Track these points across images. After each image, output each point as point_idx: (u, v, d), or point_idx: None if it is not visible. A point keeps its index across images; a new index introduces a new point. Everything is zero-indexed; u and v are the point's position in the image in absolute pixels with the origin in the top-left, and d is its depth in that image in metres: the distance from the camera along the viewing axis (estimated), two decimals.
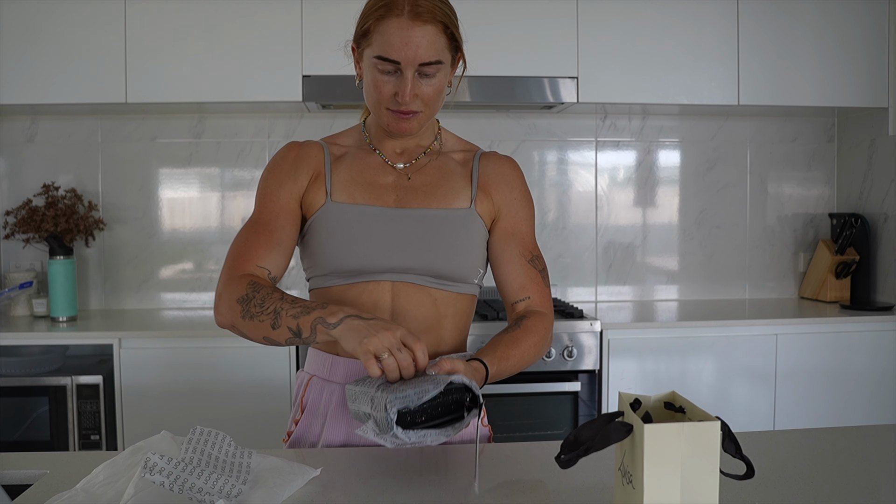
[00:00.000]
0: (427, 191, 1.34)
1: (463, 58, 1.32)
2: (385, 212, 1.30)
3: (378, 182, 1.34)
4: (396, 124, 1.28)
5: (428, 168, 1.37)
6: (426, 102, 1.27)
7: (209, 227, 3.07)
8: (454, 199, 1.34)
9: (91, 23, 2.62)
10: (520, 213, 1.38)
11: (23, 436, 2.49)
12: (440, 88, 1.27)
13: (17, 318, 2.79)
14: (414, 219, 1.30)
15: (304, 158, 1.35)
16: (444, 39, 1.24)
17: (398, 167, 1.36)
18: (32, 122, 2.98)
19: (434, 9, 1.22)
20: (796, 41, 2.84)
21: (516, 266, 1.35)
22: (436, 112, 1.31)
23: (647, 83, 2.80)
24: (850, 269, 3.01)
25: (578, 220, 3.18)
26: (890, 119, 2.86)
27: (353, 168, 1.35)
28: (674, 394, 0.94)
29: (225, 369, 2.49)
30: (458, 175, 1.37)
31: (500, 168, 1.39)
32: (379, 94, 1.26)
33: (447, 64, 1.27)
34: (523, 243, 1.37)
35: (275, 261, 1.28)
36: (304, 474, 1.08)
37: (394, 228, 1.29)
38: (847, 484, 1.08)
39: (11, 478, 1.14)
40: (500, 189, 1.37)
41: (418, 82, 1.24)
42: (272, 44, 2.66)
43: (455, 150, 1.42)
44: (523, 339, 1.27)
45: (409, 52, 1.21)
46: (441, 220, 1.31)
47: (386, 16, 1.22)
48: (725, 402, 2.65)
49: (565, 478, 1.09)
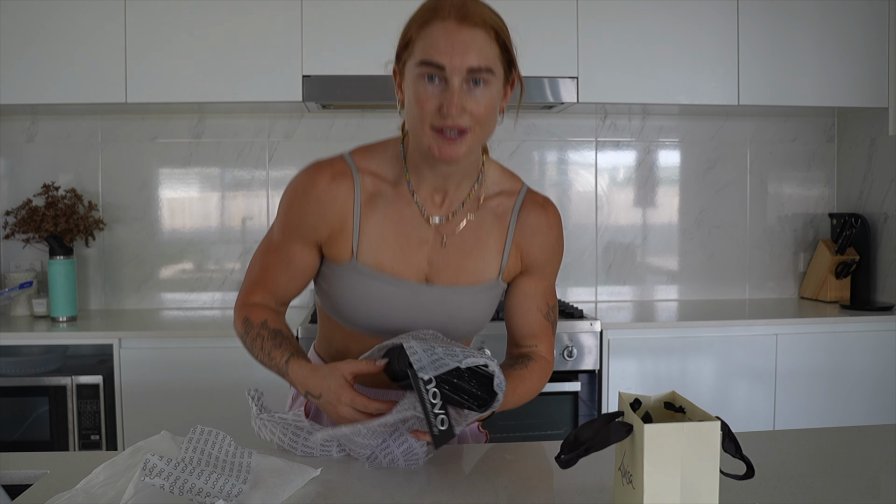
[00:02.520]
0: (458, 263, 1.25)
1: (519, 79, 1.19)
2: (411, 288, 1.23)
3: (411, 245, 1.23)
4: (440, 148, 1.12)
5: (465, 230, 1.25)
6: (476, 120, 1.12)
7: (209, 227, 3.07)
8: (483, 273, 1.27)
9: (91, 23, 2.62)
10: (547, 269, 1.32)
11: (23, 436, 2.49)
12: (492, 105, 1.13)
13: (17, 318, 2.79)
14: (439, 297, 1.25)
15: (328, 205, 1.20)
16: (496, 48, 1.12)
17: (434, 222, 1.24)
18: (32, 122, 2.97)
19: (484, 13, 1.12)
20: (796, 41, 2.84)
21: (531, 319, 1.32)
22: (486, 136, 1.17)
23: (647, 83, 2.80)
24: (850, 269, 3.00)
25: (578, 220, 3.18)
26: (890, 119, 2.86)
27: (385, 222, 1.22)
28: (674, 394, 0.94)
29: (225, 369, 2.49)
30: (492, 237, 1.27)
31: (538, 227, 1.28)
32: (421, 109, 1.11)
33: (499, 77, 1.14)
34: (544, 298, 1.32)
35: (283, 295, 1.30)
36: (304, 474, 1.08)
37: (417, 304, 1.24)
38: (847, 484, 1.08)
39: (11, 478, 1.14)
40: (533, 250, 1.29)
41: (467, 94, 1.10)
42: (272, 44, 2.66)
43: (495, 192, 1.28)
44: (529, 379, 1.27)
45: (455, 56, 1.08)
46: (466, 297, 1.26)
47: (430, 20, 1.11)
48: (725, 402, 2.65)
49: (565, 478, 1.09)
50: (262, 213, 3.08)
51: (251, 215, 3.07)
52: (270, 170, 3.06)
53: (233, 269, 3.07)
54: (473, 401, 1.08)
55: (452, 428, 1.03)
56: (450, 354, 1.06)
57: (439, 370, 1.03)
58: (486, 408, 1.09)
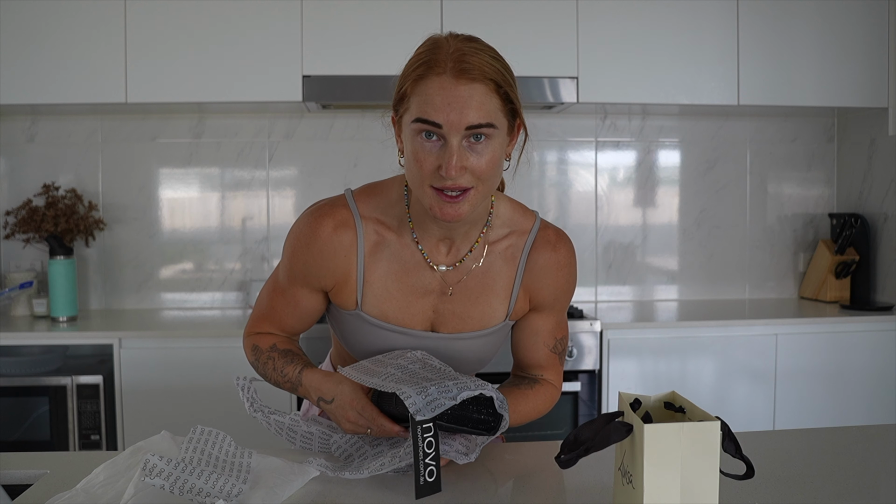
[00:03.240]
0: (464, 312, 1.22)
1: (524, 126, 1.14)
2: (417, 337, 1.22)
3: (415, 295, 1.20)
4: (442, 209, 1.07)
5: (471, 277, 1.21)
6: (478, 177, 1.06)
7: (209, 227, 3.07)
8: (490, 319, 1.23)
9: (91, 23, 2.62)
10: (556, 306, 1.28)
11: (23, 436, 2.49)
12: (494, 160, 1.07)
13: (17, 318, 2.79)
14: (445, 344, 1.23)
15: (331, 257, 1.18)
16: (497, 101, 1.06)
17: (440, 270, 1.20)
18: (32, 122, 2.98)
19: (483, 65, 1.04)
20: (796, 41, 2.84)
21: (537, 353, 1.29)
22: (490, 192, 1.12)
23: (647, 83, 2.80)
24: (849, 269, 3.00)
25: (578, 220, 3.18)
26: (890, 119, 2.86)
27: (389, 273, 1.19)
28: (674, 394, 0.94)
29: (225, 369, 2.49)
30: (500, 282, 1.23)
31: (548, 269, 1.24)
32: (420, 169, 1.06)
33: (502, 130, 1.08)
34: (551, 333, 1.29)
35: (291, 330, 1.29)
36: (304, 474, 1.08)
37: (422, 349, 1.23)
38: (847, 484, 1.08)
39: (11, 478, 1.14)
40: (543, 290, 1.25)
41: (466, 153, 1.05)
42: (272, 44, 2.66)
43: (504, 233, 1.23)
44: (533, 399, 1.26)
45: (452, 114, 1.02)
46: (471, 342, 1.24)
47: (425, 75, 1.05)
48: (725, 402, 2.65)
49: (565, 478, 1.10)
50: (262, 213, 3.08)
51: (251, 215, 3.07)
52: (270, 170, 3.06)
53: (233, 269, 3.07)
54: (479, 426, 1.08)
55: (439, 481, 1.01)
56: (443, 391, 1.02)
57: (436, 411, 1.00)
58: (494, 431, 1.08)
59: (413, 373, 1.10)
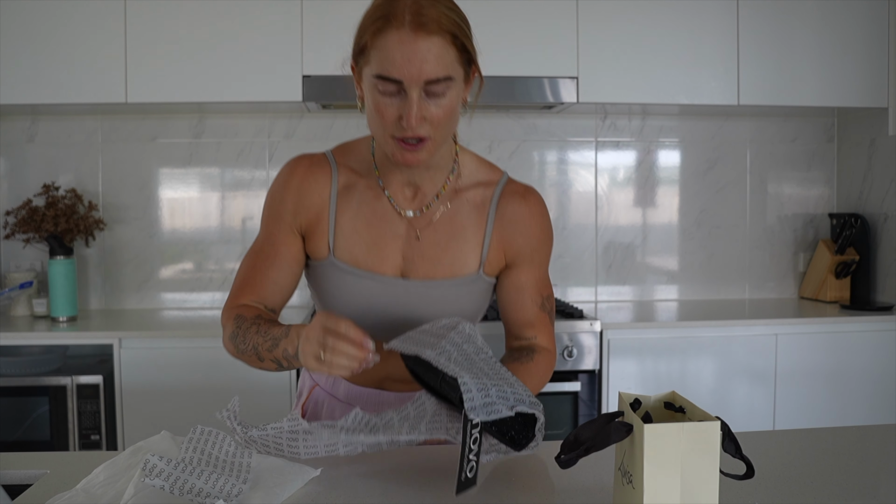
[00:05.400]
0: (434, 256, 1.23)
1: (478, 72, 1.17)
2: (388, 284, 1.23)
3: (385, 240, 1.23)
4: (402, 156, 1.13)
5: (439, 222, 1.24)
6: (436, 126, 1.11)
7: (209, 227, 3.07)
8: (462, 266, 1.24)
9: (91, 23, 2.62)
10: (535, 260, 1.28)
11: (23, 436, 2.49)
12: (451, 109, 1.12)
13: (17, 318, 2.79)
14: (417, 293, 1.23)
15: (306, 193, 1.23)
16: (454, 52, 1.09)
17: (408, 216, 1.24)
18: (32, 122, 2.98)
19: (440, 17, 1.07)
20: (796, 41, 2.84)
21: (526, 312, 1.29)
22: (448, 137, 1.17)
23: (647, 83, 2.80)
24: (849, 269, 3.00)
25: (578, 220, 3.18)
26: (890, 119, 2.86)
27: (358, 216, 1.23)
28: (674, 394, 0.94)
29: (225, 369, 2.49)
30: (469, 230, 1.24)
31: (519, 217, 1.25)
32: (382, 120, 1.11)
33: (459, 80, 1.12)
34: (536, 289, 1.29)
35: (271, 297, 1.26)
36: (304, 474, 1.08)
37: (395, 302, 1.23)
38: (847, 484, 1.08)
39: (11, 478, 1.13)
40: (516, 241, 1.26)
41: (425, 103, 1.09)
42: (272, 44, 2.66)
43: (473, 183, 1.26)
44: (536, 373, 1.25)
45: (412, 69, 1.06)
46: (445, 291, 1.24)
47: (384, 29, 1.07)
48: (725, 402, 2.65)
49: (565, 478, 1.09)
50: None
51: (251, 215, 3.07)
52: (270, 170, 3.06)
53: (233, 269, 3.07)
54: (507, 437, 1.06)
55: (476, 477, 0.98)
56: (502, 398, 0.99)
57: (490, 416, 0.97)
58: (521, 447, 1.06)
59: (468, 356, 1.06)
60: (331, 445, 1.12)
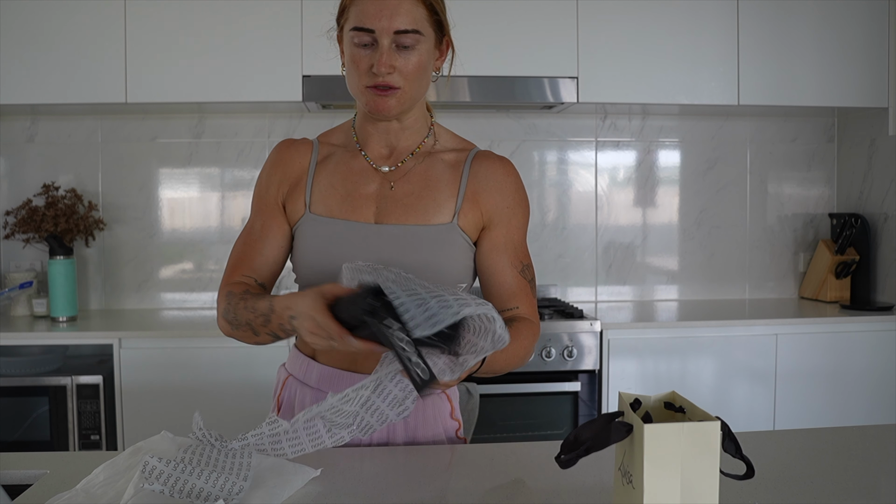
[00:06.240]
0: (407, 203, 1.28)
1: (451, 44, 1.29)
2: (361, 229, 1.27)
3: (359, 191, 1.29)
4: (375, 103, 1.22)
5: (413, 174, 1.30)
6: (405, 77, 1.21)
7: (209, 227, 3.07)
8: (435, 214, 1.28)
9: (91, 23, 2.62)
10: (511, 221, 1.31)
11: (23, 436, 2.49)
12: (421, 64, 1.22)
13: (17, 318, 2.79)
14: (391, 236, 1.26)
15: (288, 163, 1.33)
16: (424, 11, 1.21)
17: (383, 171, 1.31)
18: (32, 122, 2.98)
19: None
20: (796, 41, 2.84)
21: (507, 277, 1.30)
22: (418, 93, 1.26)
23: (647, 83, 2.80)
24: (850, 269, 3.01)
25: (578, 220, 3.18)
26: (890, 119, 2.86)
27: (335, 174, 1.31)
28: (674, 394, 0.94)
29: (225, 369, 2.49)
30: (444, 182, 1.30)
31: (492, 174, 1.31)
32: (356, 69, 1.22)
33: (428, 39, 1.23)
34: (515, 253, 1.31)
35: (261, 271, 1.31)
36: (304, 474, 1.08)
37: (370, 246, 1.25)
38: (847, 484, 1.08)
39: (11, 478, 1.13)
40: (491, 197, 1.30)
41: (396, 54, 1.20)
42: (272, 44, 2.66)
43: (448, 149, 1.35)
44: (515, 338, 1.21)
45: (382, 20, 1.18)
46: (418, 237, 1.26)
47: None
48: (725, 402, 2.65)
49: (565, 478, 1.09)
50: None
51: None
52: None
53: None
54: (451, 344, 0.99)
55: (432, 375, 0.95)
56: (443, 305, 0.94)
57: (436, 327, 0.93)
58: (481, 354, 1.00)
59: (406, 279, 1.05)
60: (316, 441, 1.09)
